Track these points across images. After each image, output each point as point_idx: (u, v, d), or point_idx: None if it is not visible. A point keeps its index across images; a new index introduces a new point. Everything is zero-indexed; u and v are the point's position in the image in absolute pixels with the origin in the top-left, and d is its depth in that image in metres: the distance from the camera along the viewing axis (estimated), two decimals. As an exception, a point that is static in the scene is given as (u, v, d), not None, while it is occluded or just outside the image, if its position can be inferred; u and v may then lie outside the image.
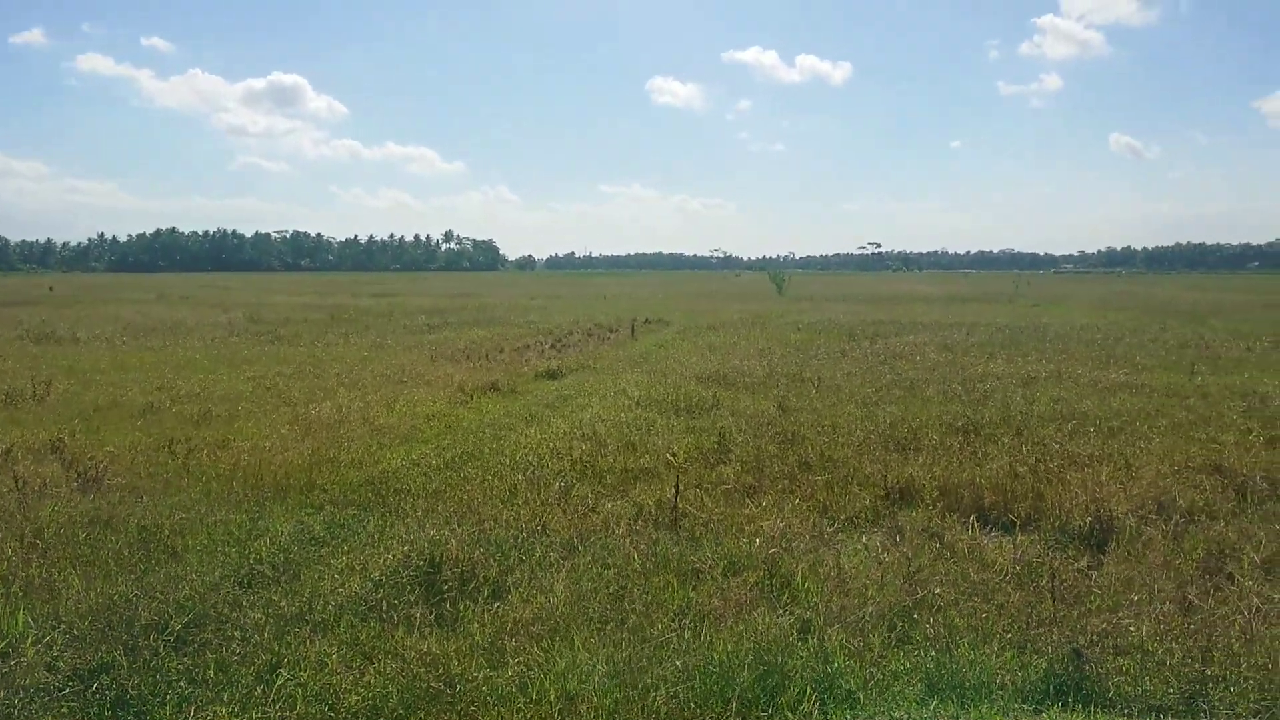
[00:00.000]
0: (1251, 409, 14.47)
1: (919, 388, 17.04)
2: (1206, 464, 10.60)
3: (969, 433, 12.61)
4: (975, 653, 5.65)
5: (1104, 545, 8.06)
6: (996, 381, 17.89)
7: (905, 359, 22.20)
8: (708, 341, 27.90)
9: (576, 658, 5.59)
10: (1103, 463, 10.72)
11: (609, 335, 31.44)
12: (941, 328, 32.92)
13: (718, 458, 11.32)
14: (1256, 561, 7.43)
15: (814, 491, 9.72)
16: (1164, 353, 23.65)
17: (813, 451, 11.40)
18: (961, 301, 59.43)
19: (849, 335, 29.63)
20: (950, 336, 28.78)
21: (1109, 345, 25.64)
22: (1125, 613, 6.36)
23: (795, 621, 6.11)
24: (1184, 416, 13.82)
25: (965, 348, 25.07)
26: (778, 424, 13.27)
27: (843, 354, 23.58)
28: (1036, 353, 23.55)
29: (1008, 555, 7.63)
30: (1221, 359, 22.18)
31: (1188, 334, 29.77)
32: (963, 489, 9.62)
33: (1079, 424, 13.08)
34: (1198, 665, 5.54)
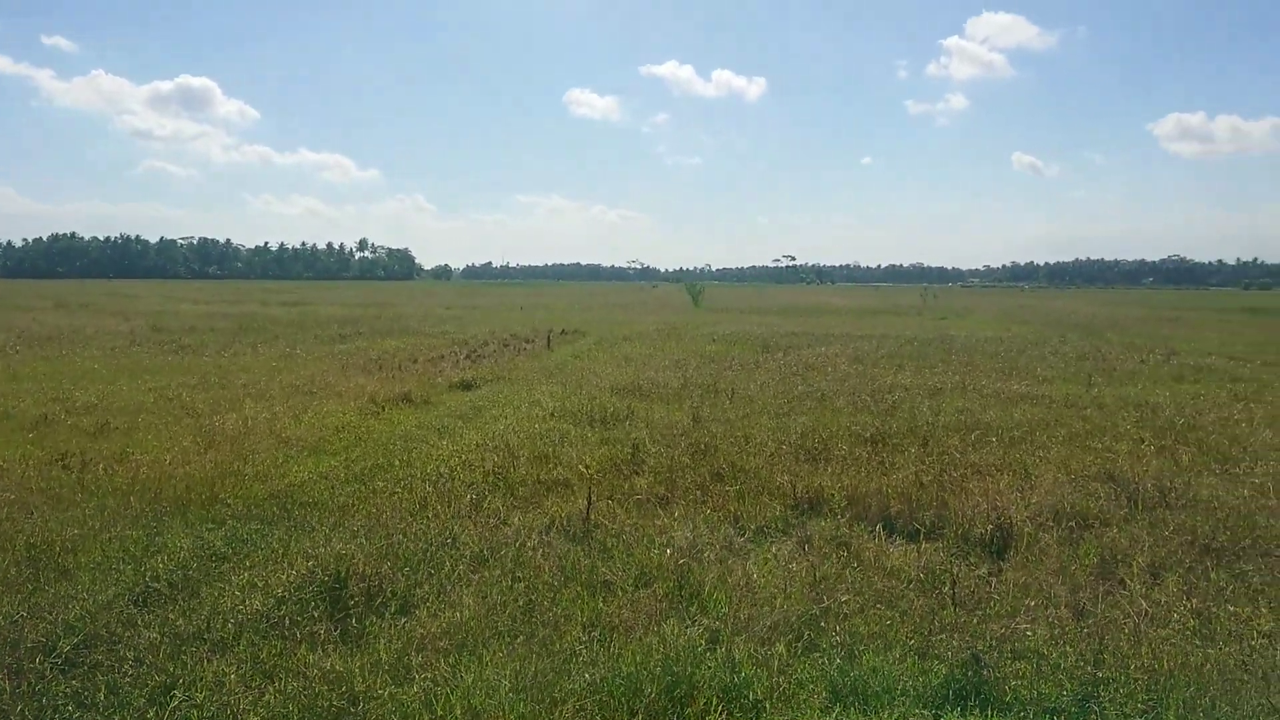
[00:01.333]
0: (1144, 419, 15.06)
1: (830, 398, 17.31)
2: (1101, 472, 10.99)
3: (877, 443, 12.86)
4: (878, 659, 5.77)
5: (1004, 552, 8.30)
6: (904, 392, 18.28)
7: (817, 370, 22.55)
8: (624, 352, 27.96)
9: (484, 673, 5.54)
10: (1004, 472, 11.04)
11: (525, 346, 31.26)
12: (853, 339, 33.53)
13: (631, 469, 11.33)
14: (1145, 566, 7.74)
15: (725, 501, 9.80)
16: (1063, 365, 24.47)
17: (725, 462, 11.50)
18: (872, 314, 60.67)
19: (763, 347, 29.98)
20: (861, 348, 29.32)
21: (1012, 357, 26.44)
22: (1022, 618, 6.56)
23: (704, 632, 6.15)
24: (1081, 426, 14.31)
25: (875, 359, 25.58)
26: (691, 435, 13.34)
27: (757, 365, 23.85)
28: (943, 364, 24.15)
29: (912, 563, 7.81)
30: (1117, 371, 23.04)
31: (1086, 347, 30.87)
32: (870, 498, 9.80)
33: (982, 434, 13.44)
34: (1090, 668, 5.74)
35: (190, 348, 27.97)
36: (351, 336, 33.83)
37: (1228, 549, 8.26)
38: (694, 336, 35.33)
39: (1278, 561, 7.90)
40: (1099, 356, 27.06)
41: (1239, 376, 21.91)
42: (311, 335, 34.16)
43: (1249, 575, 7.59)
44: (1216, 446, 12.67)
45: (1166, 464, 11.62)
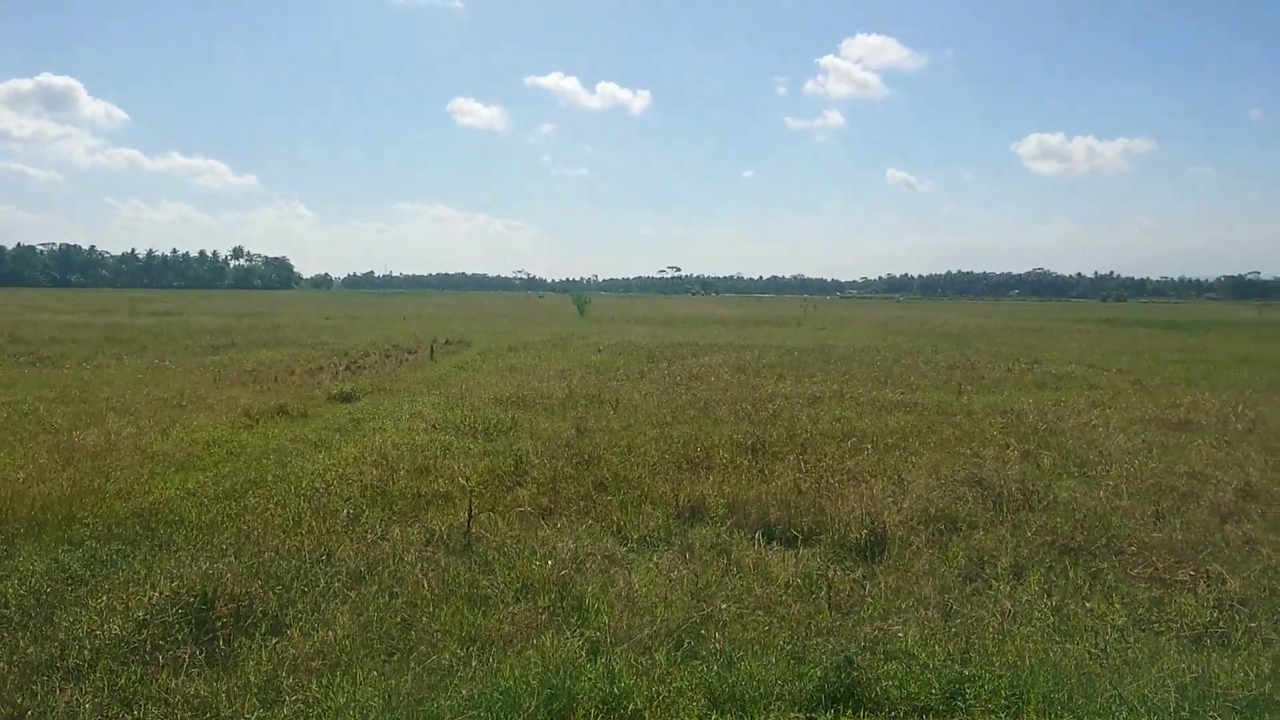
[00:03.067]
0: (1009, 425, 15.72)
1: (712, 408, 17.54)
2: (969, 476, 11.40)
3: (758, 451, 13.08)
4: (756, 665, 5.85)
5: (877, 556, 8.52)
6: (785, 401, 18.65)
7: (701, 380, 22.81)
8: (508, 363, 27.76)
9: (357, 692, 5.40)
10: (878, 477, 11.36)
11: (407, 357, 30.72)
12: (735, 349, 34.05)
13: (514, 480, 11.25)
14: (1009, 566, 8.07)
15: (609, 512, 9.80)
16: (935, 373, 25.36)
17: (609, 472, 11.51)
18: (755, 324, 61.75)
19: (648, 357, 30.17)
20: (743, 358, 29.80)
21: (887, 366, 27.26)
22: (894, 619, 6.75)
23: (585, 643, 6.14)
24: (951, 433, 14.85)
25: (757, 369, 26.03)
26: (575, 445, 13.32)
27: (641, 375, 23.98)
28: (822, 373, 24.73)
29: (790, 569, 7.96)
30: (985, 379, 24.00)
31: (956, 356, 32.07)
32: (751, 505, 9.94)
33: (858, 441, 13.82)
34: (957, 666, 5.94)
35: (49, 359, 26.52)
36: (225, 347, 32.65)
37: (1085, 548, 8.67)
38: (580, 347, 35.33)
39: (1130, 559, 8.33)
40: (969, 365, 28.13)
41: (1096, 384, 23.09)
42: (182, 346, 32.83)
43: (1104, 573, 7.97)
44: (1075, 451, 13.31)
45: (1030, 468, 12.14)
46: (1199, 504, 10.28)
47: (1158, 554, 8.40)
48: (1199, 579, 7.77)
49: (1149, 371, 27.10)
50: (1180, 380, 24.47)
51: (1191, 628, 6.77)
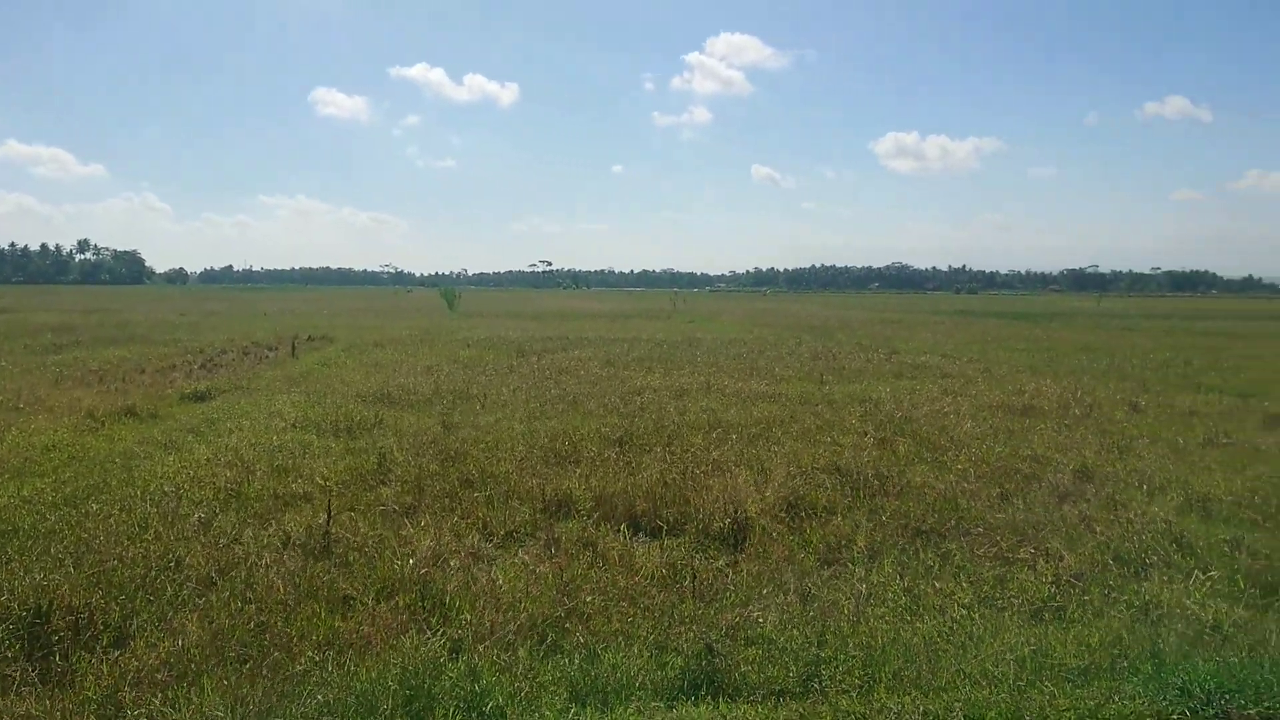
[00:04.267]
0: (867, 414, 16.26)
1: (581, 402, 17.54)
2: (829, 464, 11.73)
3: (625, 444, 13.15)
4: (619, 656, 5.88)
5: (740, 544, 8.69)
6: (653, 394, 18.81)
7: (570, 374, 22.79)
8: (374, 359, 27.13)
9: (205, 704, 5.18)
10: (742, 467, 11.57)
11: (268, 354, 29.68)
12: (605, 343, 34.17)
13: (377, 479, 11.01)
14: (864, 550, 8.35)
15: (475, 508, 9.70)
16: (799, 364, 26.01)
17: (475, 468, 11.39)
18: (625, 318, 62.06)
19: (518, 351, 29.97)
20: (613, 351, 29.92)
21: (753, 358, 27.81)
22: (755, 606, 6.89)
23: (446, 642, 6.05)
24: (813, 422, 15.25)
25: (626, 362, 26.17)
26: (441, 442, 13.13)
27: (510, 370, 23.81)
28: (690, 366, 25.06)
29: (655, 559, 8.03)
30: (846, 370, 24.75)
31: (819, 347, 32.97)
32: (618, 498, 10.00)
33: (724, 432, 14.05)
34: (814, 648, 6.11)
35: None
36: (68, 346, 30.84)
37: (936, 530, 9.05)
38: (448, 342, 34.81)
39: (977, 540, 8.72)
40: (831, 356, 28.96)
41: (949, 373, 24.11)
42: (20, 345, 30.85)
43: (953, 554, 8.33)
44: (928, 437, 13.86)
45: (886, 454, 12.58)
46: (1040, 485, 10.85)
47: (1002, 534, 8.83)
48: (1039, 556, 8.19)
49: (997, 360, 28.46)
50: (1025, 368, 25.79)
51: (1031, 603, 7.14)
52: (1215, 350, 33.89)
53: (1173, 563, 8.08)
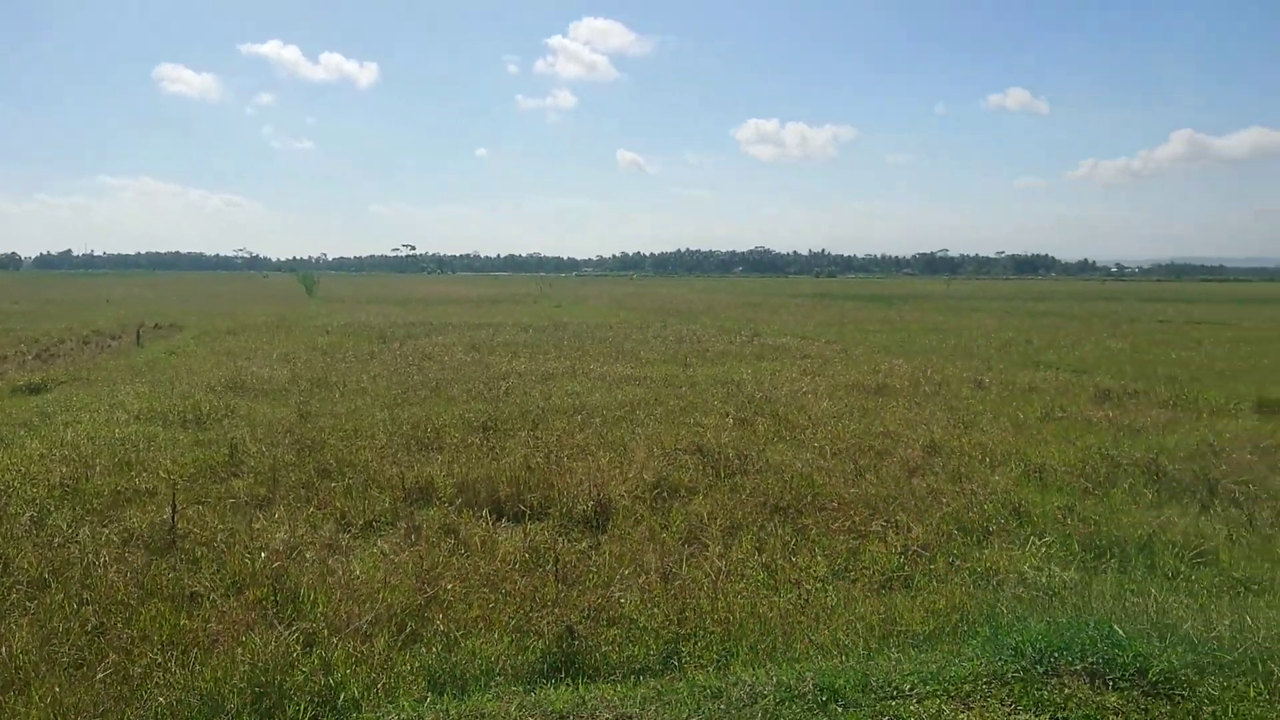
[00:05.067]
0: (729, 395, 16.56)
1: (445, 387, 17.29)
2: (691, 445, 11.89)
3: (489, 429, 13.04)
4: (479, 643, 5.83)
5: (604, 526, 8.73)
6: (518, 379, 18.71)
7: (434, 360, 22.43)
8: (226, 347, 26.05)
9: (31, 713, 4.88)
10: (606, 450, 11.62)
11: (110, 343, 28.17)
12: (471, 328, 33.77)
13: (228, 471, 10.59)
14: (724, 528, 8.51)
15: (332, 498, 9.44)
16: (664, 347, 26.29)
17: (333, 457, 11.08)
18: (491, 303, 61.46)
19: (380, 337, 29.32)
20: (478, 336, 29.61)
21: (619, 342, 27.95)
22: (617, 586, 6.93)
23: (299, 636, 5.87)
24: (676, 404, 15.44)
25: (491, 347, 25.94)
26: (297, 431, 12.72)
27: (371, 356, 23.27)
28: (556, 350, 25.01)
29: (518, 544, 7.99)
30: (709, 352, 25.14)
31: (684, 331, 33.39)
32: (480, 484, 9.90)
33: (588, 416, 14.08)
34: (674, 626, 6.19)
35: None
36: (-119, 337, 28.51)
37: (793, 507, 9.28)
38: (306, 328, 33.76)
39: (831, 515, 8.99)
40: (695, 339, 29.36)
41: (808, 354, 24.78)
42: None
43: (808, 529, 8.57)
44: (787, 416, 14.21)
45: (746, 434, 12.84)
46: (892, 460, 11.26)
47: (855, 508, 9.12)
48: (889, 529, 8.50)
49: (854, 341, 29.41)
50: (880, 349, 26.74)
51: (881, 573, 7.41)
52: (1053, 330, 35.88)
53: (1011, 530, 8.53)
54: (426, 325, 35.47)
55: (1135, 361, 23.55)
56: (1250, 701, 4.76)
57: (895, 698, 4.83)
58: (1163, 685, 4.94)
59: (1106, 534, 8.27)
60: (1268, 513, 9.13)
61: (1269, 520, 8.90)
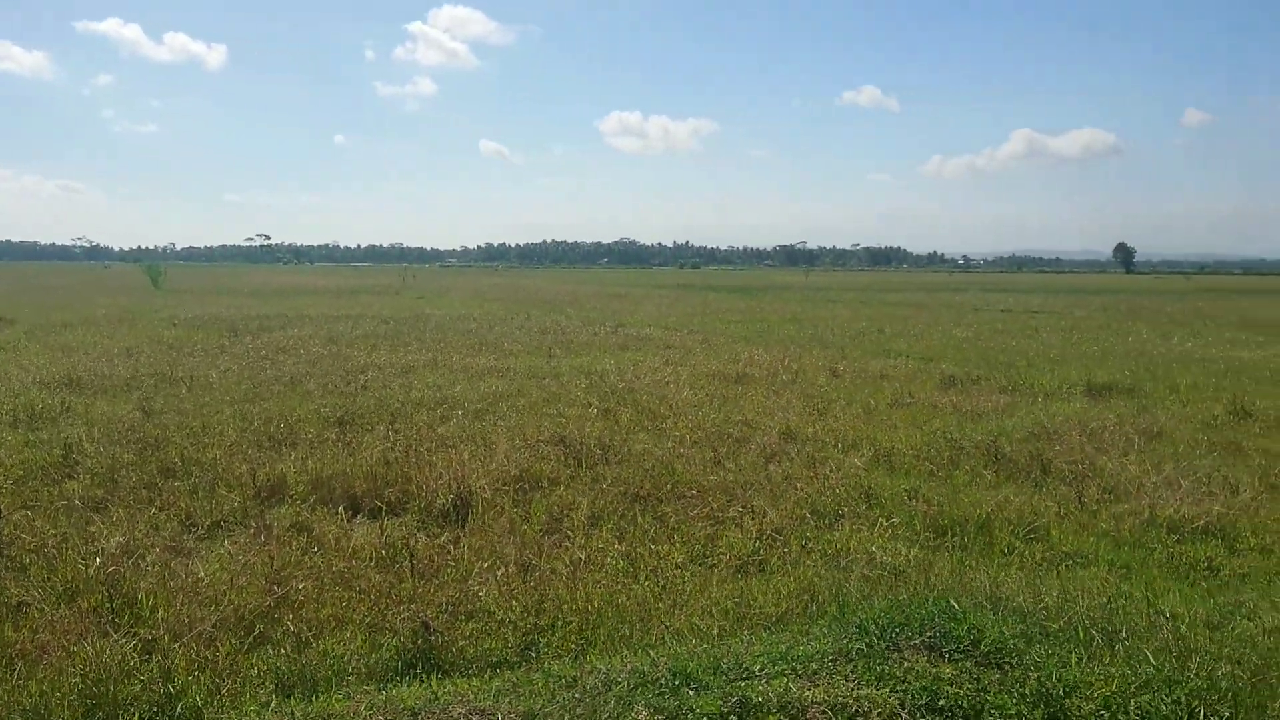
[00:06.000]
0: (592, 385, 16.61)
1: (300, 381, 16.78)
2: (553, 436, 11.88)
3: (346, 424, 12.73)
4: (331, 642, 5.70)
5: (463, 520, 8.65)
6: (378, 372, 18.33)
7: (289, 353, 21.73)
8: (61, 342, 24.56)
9: None
10: (467, 443, 11.50)
11: (-72, 338, 26.15)
12: (329, 320, 32.87)
13: (62, 472, 10.01)
14: (585, 518, 8.54)
15: (177, 499, 9.04)
16: (528, 339, 26.17)
17: (178, 456, 10.62)
18: (351, 294, 59.92)
19: (231, 330, 28.20)
20: (336, 329, 28.84)
21: (482, 333, 27.68)
22: (475, 580, 6.89)
23: (138, 643, 5.60)
24: (539, 395, 15.40)
25: (350, 340, 25.30)
26: (140, 429, 12.12)
27: (222, 350, 22.36)
28: (417, 343, 24.58)
29: (374, 541, 7.83)
30: (573, 343, 25.17)
31: (548, 322, 33.31)
32: (336, 480, 9.67)
33: (449, 408, 13.90)
34: (532, 617, 6.18)
35: None
36: None
37: (653, 495, 9.38)
38: (152, 321, 32.18)
39: (690, 503, 9.13)
40: (559, 330, 29.33)
41: (670, 344, 25.10)
42: None
43: (668, 516, 8.69)
44: (649, 406, 14.36)
45: (609, 424, 12.91)
46: (750, 448, 11.52)
47: (714, 495, 9.29)
48: (746, 514, 8.70)
49: (715, 332, 29.94)
50: (741, 339, 27.31)
51: (738, 558, 7.58)
52: (904, 320, 37.36)
53: (861, 513, 8.85)
54: (282, 317, 34.32)
55: (978, 349, 24.76)
56: (1072, 667, 5.08)
57: (745, 678, 4.96)
58: (994, 655, 5.23)
59: (949, 514, 8.67)
60: (1094, 490, 9.75)
61: (1095, 497, 9.51)
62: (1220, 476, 10.31)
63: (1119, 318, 40.57)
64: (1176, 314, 43.62)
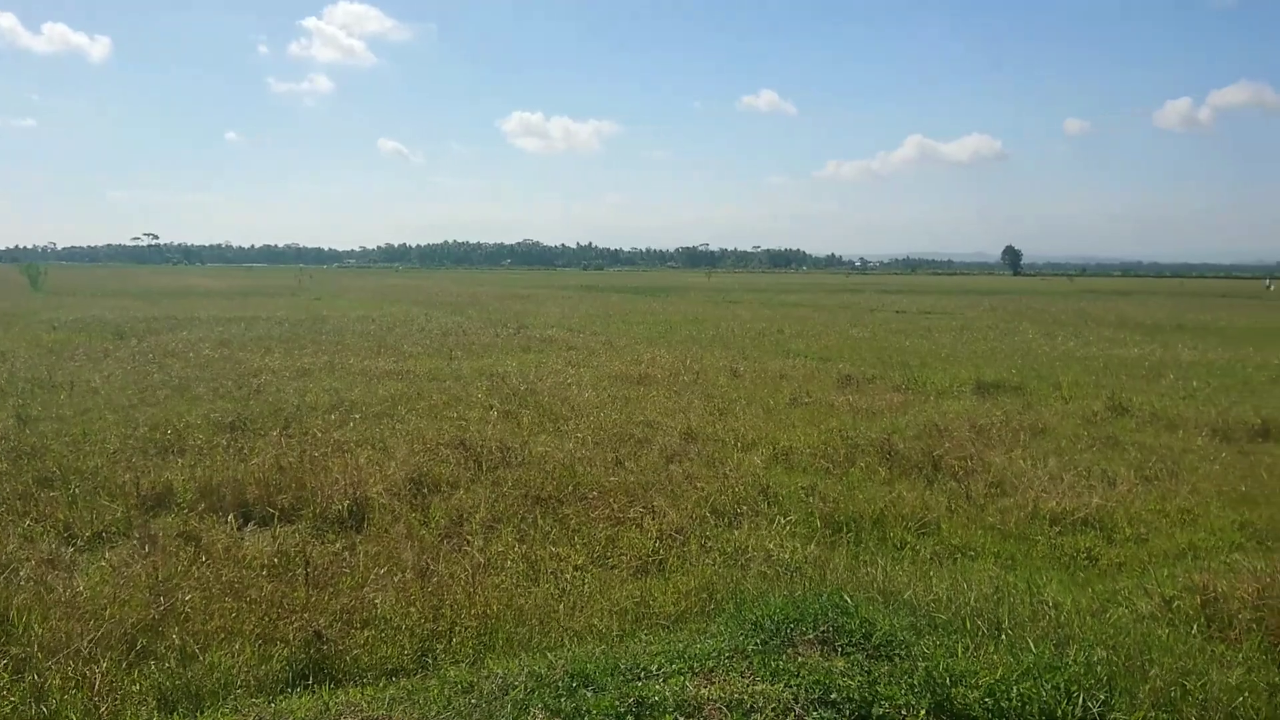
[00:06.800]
0: (494, 388, 16.47)
1: (189, 386, 16.24)
2: (454, 439, 11.73)
3: (238, 429, 12.37)
4: (219, 655, 5.51)
5: (360, 526, 8.48)
6: (272, 375, 17.85)
7: (178, 356, 21.01)
8: (-72, 346, 23.26)
9: None
10: (365, 447, 11.29)
11: None
12: (221, 323, 31.88)
13: (-73, 485, 9.47)
14: (485, 521, 8.46)
15: (54, 509, 8.65)
16: (429, 341, 25.81)
17: (56, 465, 10.16)
18: (244, 296, 58.21)
19: (116, 333, 27.11)
20: (229, 332, 27.99)
21: (381, 335, 27.20)
22: (371, 587, 6.75)
23: (8, 662, 5.33)
24: (440, 398, 15.20)
25: (243, 343, 24.58)
26: (14, 437, 11.57)
27: (106, 354, 21.47)
28: (314, 345, 24.01)
29: (266, 549, 7.62)
30: (475, 345, 24.92)
31: (450, 323, 32.93)
32: (226, 487, 9.37)
33: (346, 412, 13.62)
34: (429, 623, 6.10)
35: None
36: None
37: (554, 497, 9.35)
38: (30, 324, 30.73)
39: (591, 504, 9.12)
40: (461, 332, 29.02)
41: (574, 345, 25.06)
42: None
43: (569, 518, 8.67)
44: (551, 408, 14.32)
45: (510, 427, 12.83)
46: (651, 448, 11.57)
47: (615, 496, 9.30)
48: (647, 514, 8.73)
49: (618, 333, 30.01)
50: (643, 340, 27.42)
51: (638, 558, 7.61)
52: (803, 320, 38.05)
53: (760, 511, 8.98)
54: (171, 320, 33.15)
55: (874, 349, 25.37)
56: (959, 657, 5.24)
57: (642, 678, 4.98)
58: (885, 647, 5.36)
59: (844, 510, 8.86)
60: (982, 485, 10.08)
61: (983, 492, 9.83)
62: (1099, 470, 10.77)
63: (1007, 318, 42.06)
64: (1060, 314, 45.43)
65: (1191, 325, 38.31)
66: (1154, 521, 8.99)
